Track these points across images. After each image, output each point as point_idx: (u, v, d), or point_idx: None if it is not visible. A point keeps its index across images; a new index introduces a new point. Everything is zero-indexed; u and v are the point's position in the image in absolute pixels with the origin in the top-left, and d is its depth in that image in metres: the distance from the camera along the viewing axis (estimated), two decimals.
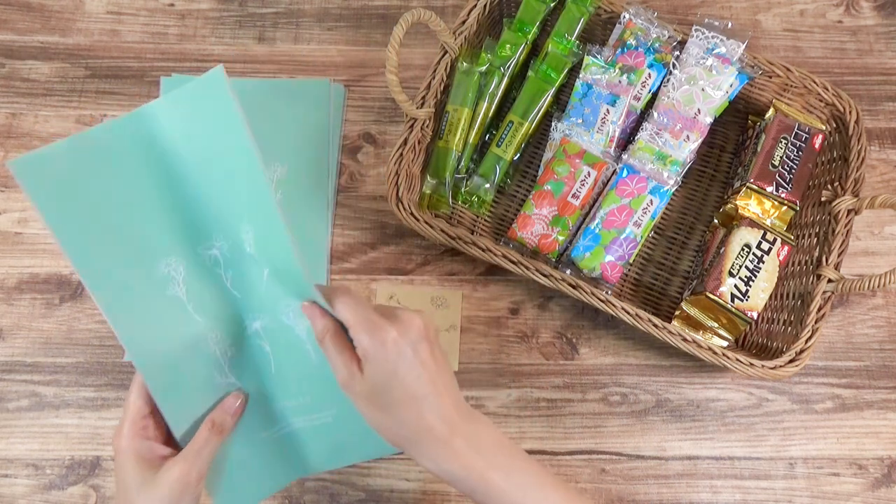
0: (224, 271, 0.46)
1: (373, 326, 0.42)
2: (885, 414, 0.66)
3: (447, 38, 0.66)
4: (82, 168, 0.40)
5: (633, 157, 0.68)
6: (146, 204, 0.42)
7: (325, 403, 0.51)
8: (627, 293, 0.70)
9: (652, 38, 0.70)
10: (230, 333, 0.47)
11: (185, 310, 0.45)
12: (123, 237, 0.42)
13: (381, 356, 0.42)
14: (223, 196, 0.43)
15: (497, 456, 0.45)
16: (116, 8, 0.81)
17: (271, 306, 0.47)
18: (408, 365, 0.43)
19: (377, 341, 0.42)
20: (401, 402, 0.43)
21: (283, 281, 0.46)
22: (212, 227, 0.44)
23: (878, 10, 0.82)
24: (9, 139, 0.74)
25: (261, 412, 0.50)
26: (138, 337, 0.43)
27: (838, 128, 0.68)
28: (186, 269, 0.44)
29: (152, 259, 0.43)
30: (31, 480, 0.63)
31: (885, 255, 0.72)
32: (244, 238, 0.44)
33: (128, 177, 0.41)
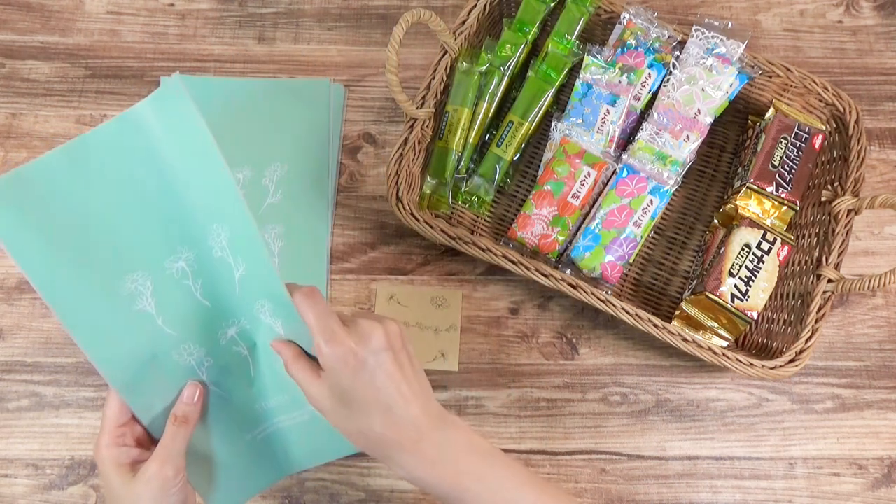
0: (193, 282, 0.46)
1: (332, 336, 0.42)
2: (885, 414, 0.66)
3: (447, 38, 0.66)
4: (42, 190, 0.40)
5: (633, 157, 0.68)
6: (107, 222, 0.42)
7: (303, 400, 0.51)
8: (627, 293, 0.70)
9: (652, 38, 0.70)
10: (204, 344, 0.47)
11: (155, 324, 0.45)
12: (85, 256, 0.42)
13: (340, 367, 0.42)
14: (190, 201, 0.43)
15: (469, 460, 0.44)
16: (116, 8, 0.81)
17: (246, 307, 0.47)
18: (368, 376, 0.43)
19: (336, 353, 0.42)
20: (364, 412, 0.43)
21: (257, 278, 0.46)
22: (177, 238, 0.44)
23: (878, 10, 0.82)
24: (9, 139, 0.74)
25: (243, 415, 0.51)
26: (107, 354, 0.43)
27: (838, 128, 0.68)
28: (154, 283, 0.44)
29: (117, 275, 0.43)
30: (31, 480, 0.63)
31: (885, 255, 0.72)
32: (213, 243, 0.44)
33: (87, 196, 0.41)
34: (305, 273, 0.70)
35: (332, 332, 0.43)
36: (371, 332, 0.43)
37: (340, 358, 0.42)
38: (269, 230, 0.71)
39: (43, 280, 0.41)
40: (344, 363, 0.42)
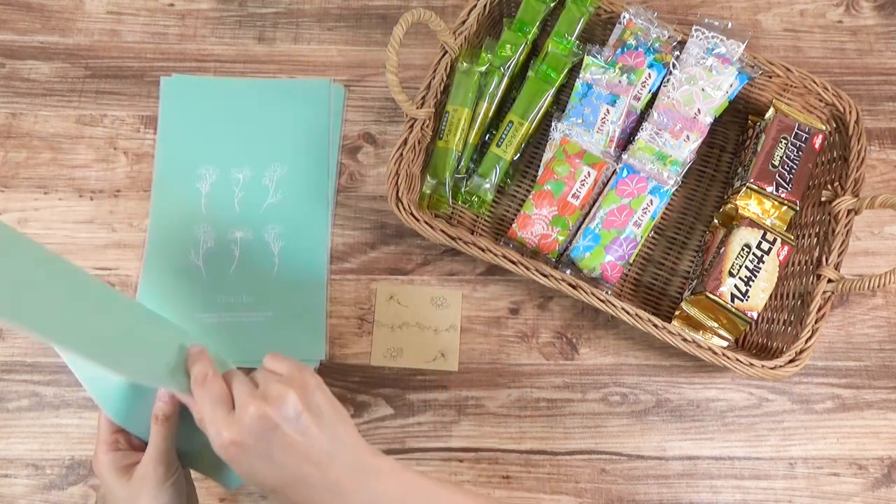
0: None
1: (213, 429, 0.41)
2: (885, 414, 0.66)
3: (447, 38, 0.66)
4: None
5: (633, 157, 0.68)
6: None
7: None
8: (627, 293, 0.70)
9: (652, 38, 0.70)
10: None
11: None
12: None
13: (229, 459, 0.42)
14: None
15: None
16: (116, 8, 0.81)
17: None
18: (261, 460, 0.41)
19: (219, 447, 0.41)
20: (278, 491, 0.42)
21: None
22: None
23: (878, 10, 0.82)
24: (9, 139, 0.74)
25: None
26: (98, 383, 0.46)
27: (838, 128, 0.68)
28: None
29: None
30: (31, 480, 0.63)
31: (885, 255, 0.72)
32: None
33: None
34: (305, 273, 0.70)
35: (213, 422, 0.41)
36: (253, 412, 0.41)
37: (225, 451, 0.41)
38: (269, 230, 0.71)
39: None
40: (228, 456, 0.41)
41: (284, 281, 0.69)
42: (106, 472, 0.46)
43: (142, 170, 0.73)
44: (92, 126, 0.75)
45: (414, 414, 0.66)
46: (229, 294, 0.68)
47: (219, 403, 0.42)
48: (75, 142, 0.74)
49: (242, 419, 0.41)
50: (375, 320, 0.69)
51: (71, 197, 0.72)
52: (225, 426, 0.41)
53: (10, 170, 0.73)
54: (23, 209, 0.71)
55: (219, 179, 0.72)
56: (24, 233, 0.71)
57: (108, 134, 0.75)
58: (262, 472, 0.41)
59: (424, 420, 0.66)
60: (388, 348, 0.68)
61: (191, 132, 0.74)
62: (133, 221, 0.71)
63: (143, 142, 0.75)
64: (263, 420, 0.40)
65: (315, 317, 0.68)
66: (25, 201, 0.72)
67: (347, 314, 0.69)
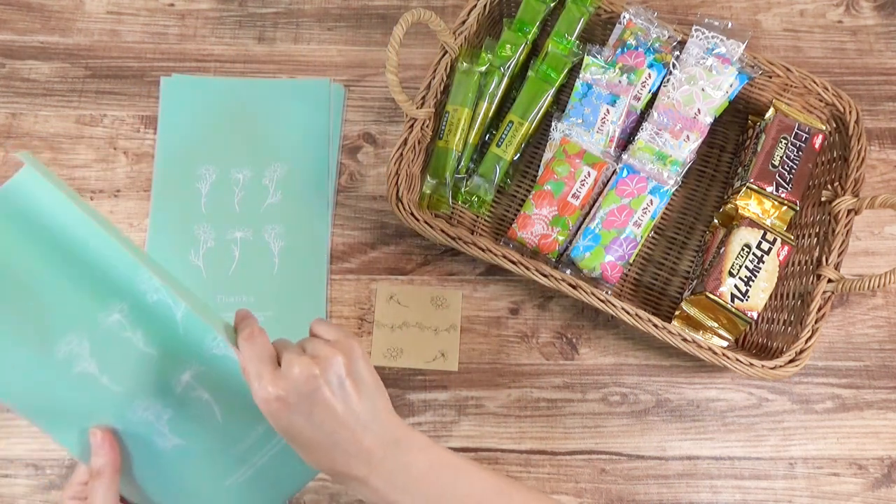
0: (132, 333, 0.42)
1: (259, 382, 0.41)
2: (885, 414, 0.66)
3: (447, 38, 0.66)
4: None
5: (633, 157, 0.68)
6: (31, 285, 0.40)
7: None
8: (627, 293, 0.70)
9: (652, 38, 0.70)
10: (159, 396, 0.44)
11: (99, 384, 0.42)
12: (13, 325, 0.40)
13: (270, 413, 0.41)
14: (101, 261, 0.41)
15: (423, 488, 0.43)
16: (116, 8, 0.81)
17: (196, 346, 0.44)
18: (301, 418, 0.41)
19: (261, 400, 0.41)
20: (309, 450, 0.42)
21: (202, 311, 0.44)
22: (105, 290, 0.42)
23: (878, 10, 0.82)
24: (9, 139, 0.74)
25: (220, 462, 0.47)
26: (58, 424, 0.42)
27: (838, 128, 0.68)
28: (91, 342, 0.41)
29: (50, 340, 0.41)
30: (31, 480, 0.63)
31: (885, 255, 0.72)
32: (145, 286, 0.42)
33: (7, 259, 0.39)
34: (305, 273, 0.70)
35: (259, 376, 0.41)
36: (299, 371, 0.41)
37: (267, 404, 0.41)
38: (269, 230, 0.71)
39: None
40: (269, 410, 0.41)
41: (284, 281, 0.69)
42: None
43: (142, 170, 0.73)
44: (92, 126, 0.75)
45: (414, 414, 0.66)
46: (229, 293, 0.68)
47: (265, 360, 0.42)
48: (75, 142, 0.74)
49: (288, 376, 0.41)
50: (375, 320, 0.69)
51: None
52: (271, 381, 0.41)
53: (10, 170, 0.73)
54: None
55: (218, 179, 0.72)
56: None
57: (108, 134, 0.75)
58: (299, 430, 0.41)
59: (424, 420, 0.66)
60: (388, 348, 0.68)
61: (191, 132, 0.74)
62: (133, 221, 0.71)
63: (143, 142, 0.75)
64: (310, 380, 0.41)
65: (315, 316, 0.67)
66: None
67: (347, 314, 0.69)
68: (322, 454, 0.42)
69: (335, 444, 0.42)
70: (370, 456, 0.42)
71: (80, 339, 0.41)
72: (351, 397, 0.42)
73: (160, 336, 0.43)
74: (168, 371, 0.44)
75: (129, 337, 0.42)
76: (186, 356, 0.44)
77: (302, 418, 0.41)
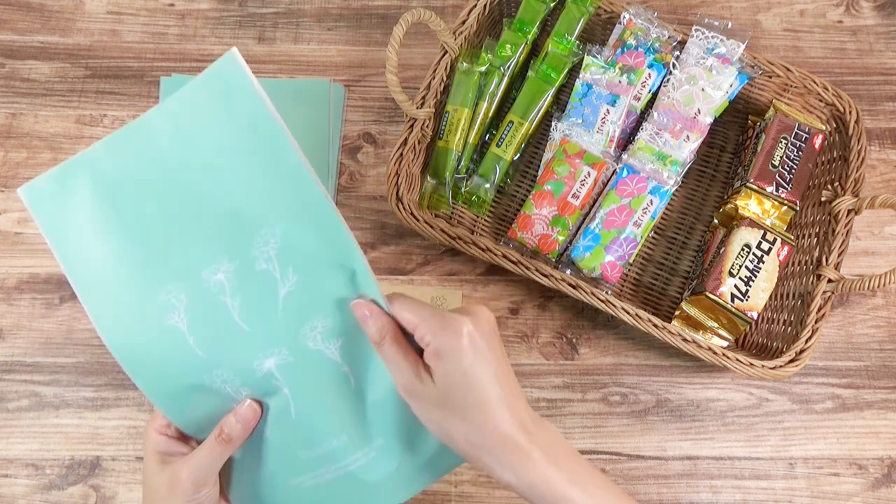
0: (230, 299, 0.40)
1: (443, 321, 0.39)
2: (885, 414, 0.66)
3: (447, 38, 0.66)
4: (84, 188, 0.38)
5: (633, 157, 0.68)
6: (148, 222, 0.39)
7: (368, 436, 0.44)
8: (627, 293, 0.70)
9: (652, 38, 0.70)
10: (239, 373, 0.41)
11: (186, 342, 0.40)
12: (126, 261, 0.39)
13: (457, 352, 0.39)
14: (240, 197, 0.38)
15: (573, 468, 0.41)
16: (116, 8, 0.81)
17: (291, 333, 0.41)
18: (484, 363, 0.39)
19: (451, 336, 0.39)
20: (476, 405, 0.39)
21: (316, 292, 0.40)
22: (218, 246, 0.39)
23: (878, 10, 0.82)
24: (9, 139, 0.74)
25: (285, 460, 0.45)
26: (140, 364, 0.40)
27: (838, 128, 0.68)
28: (189, 297, 0.39)
29: (154, 285, 0.39)
30: (31, 480, 0.63)
31: (885, 255, 0.72)
32: (258, 252, 0.39)
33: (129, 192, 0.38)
34: None
35: (443, 317, 0.39)
36: (481, 313, 0.40)
37: (456, 341, 0.39)
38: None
39: (82, 283, 0.38)
40: (460, 347, 0.39)
41: None
42: (148, 449, 0.44)
43: None
44: (92, 126, 0.75)
45: None
46: None
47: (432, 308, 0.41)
48: (75, 142, 0.74)
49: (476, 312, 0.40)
50: None
51: None
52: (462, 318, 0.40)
53: (10, 170, 0.73)
54: (23, 209, 0.71)
55: None
56: (24, 233, 0.71)
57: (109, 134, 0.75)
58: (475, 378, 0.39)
59: None
60: None
61: None
62: None
63: None
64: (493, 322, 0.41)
65: None
66: None
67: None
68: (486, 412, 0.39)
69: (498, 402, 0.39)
70: (525, 423, 0.40)
71: (178, 291, 0.39)
72: (503, 362, 0.41)
73: (256, 312, 0.40)
74: (252, 351, 0.41)
75: (226, 303, 0.40)
76: (277, 341, 0.41)
77: (482, 364, 0.39)
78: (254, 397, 0.43)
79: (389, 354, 0.41)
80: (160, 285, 0.39)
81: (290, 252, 0.39)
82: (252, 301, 0.40)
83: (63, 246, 0.38)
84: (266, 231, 0.39)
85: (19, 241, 0.70)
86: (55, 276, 0.69)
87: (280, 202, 0.38)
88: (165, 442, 0.44)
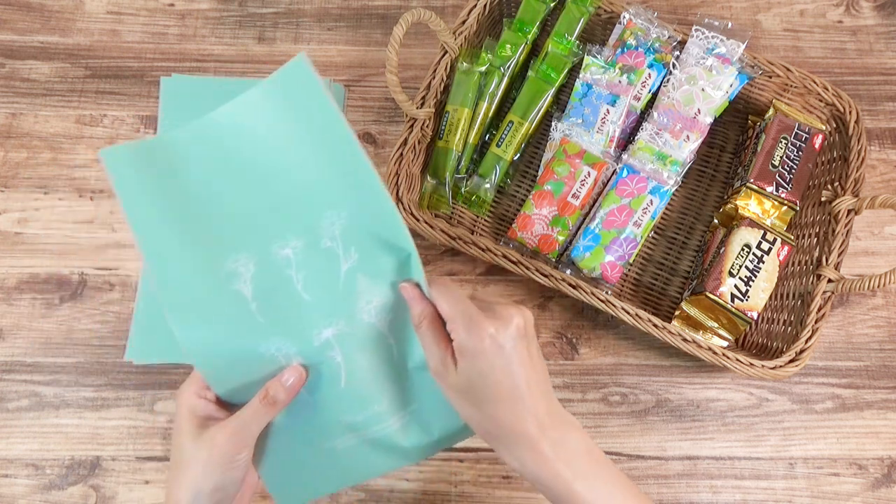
0: (295, 272, 0.43)
1: (470, 322, 0.42)
2: (885, 414, 0.66)
3: (447, 38, 0.66)
4: (164, 163, 0.42)
5: (633, 157, 0.68)
6: (224, 199, 0.42)
7: (404, 401, 0.48)
8: (627, 293, 0.70)
9: (652, 38, 0.70)
10: (296, 341, 0.44)
11: (248, 308, 0.43)
12: (195, 228, 0.42)
13: (478, 353, 0.41)
14: (309, 184, 0.42)
15: (583, 465, 0.43)
16: (116, 8, 0.81)
17: (349, 306, 0.44)
18: (503, 364, 0.42)
19: (475, 338, 0.41)
20: (493, 400, 0.42)
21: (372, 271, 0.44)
22: (288, 223, 0.43)
23: (878, 10, 0.82)
24: (9, 139, 0.74)
25: (326, 424, 0.47)
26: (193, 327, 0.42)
27: (838, 128, 0.68)
28: (257, 267, 0.43)
29: (222, 253, 0.42)
30: (31, 480, 0.63)
31: (885, 255, 0.72)
32: (324, 231, 0.43)
33: (209, 172, 0.42)
34: None
35: (471, 317, 0.42)
36: (510, 318, 0.42)
37: (478, 343, 0.41)
38: None
39: (148, 242, 0.41)
40: (482, 349, 0.41)
41: None
42: (183, 412, 0.44)
43: None
44: (92, 126, 0.75)
45: None
46: None
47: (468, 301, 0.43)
48: (75, 142, 0.74)
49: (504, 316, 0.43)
50: None
51: (71, 197, 0.72)
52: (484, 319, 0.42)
53: (10, 170, 0.73)
54: (23, 209, 0.71)
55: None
56: (24, 233, 0.71)
57: (108, 134, 0.75)
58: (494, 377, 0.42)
59: None
60: None
61: None
62: None
63: None
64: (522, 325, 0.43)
65: None
66: (25, 201, 0.72)
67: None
68: (502, 408, 0.42)
69: (517, 399, 0.42)
70: (542, 421, 0.42)
71: (248, 260, 0.43)
72: (536, 359, 0.44)
73: (319, 285, 0.44)
74: (313, 321, 0.44)
75: (291, 276, 0.43)
76: (336, 313, 0.44)
77: (502, 365, 0.42)
78: (304, 365, 0.45)
79: (425, 337, 0.44)
80: (230, 254, 0.42)
81: (353, 234, 0.43)
82: (316, 275, 0.44)
83: (134, 207, 0.41)
84: (332, 214, 0.43)
85: (19, 241, 0.70)
86: (55, 276, 0.69)
87: (347, 191, 0.43)
88: (204, 405, 0.44)
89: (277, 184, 0.43)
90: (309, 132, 0.42)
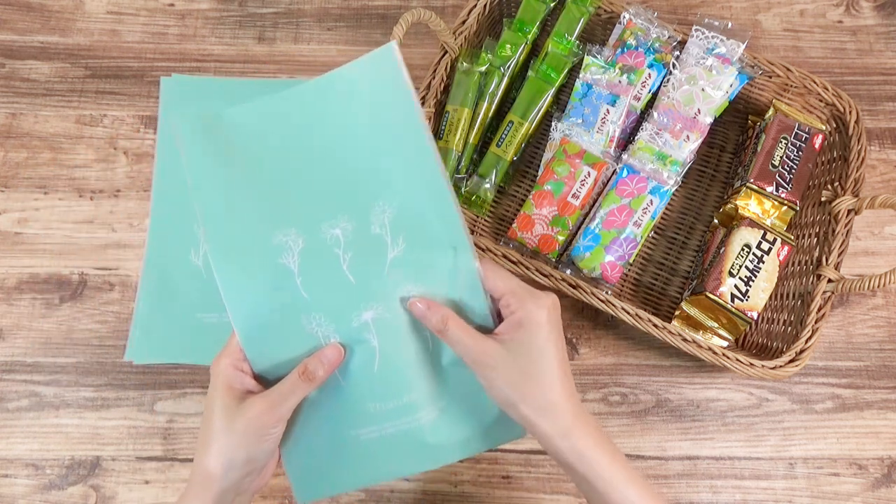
0: (343, 251, 0.45)
1: (531, 296, 0.44)
2: (885, 414, 0.66)
3: (447, 38, 0.66)
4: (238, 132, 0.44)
5: (633, 157, 0.68)
6: (283, 175, 0.44)
7: (434, 396, 0.48)
8: (627, 293, 0.70)
9: (652, 38, 0.70)
10: (335, 320, 0.45)
11: (293, 281, 0.44)
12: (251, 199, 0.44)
13: (540, 326, 0.43)
14: (369, 170, 0.44)
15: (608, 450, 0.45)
16: (116, 8, 0.81)
17: (390, 293, 0.45)
18: (556, 339, 0.44)
19: (537, 311, 0.43)
20: (544, 373, 0.43)
21: (417, 263, 0.45)
22: (340, 205, 0.45)
23: (878, 10, 0.82)
24: (9, 139, 0.74)
25: (353, 410, 0.47)
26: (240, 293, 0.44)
27: (838, 128, 0.68)
28: (306, 243, 0.44)
29: (273, 226, 0.44)
30: (31, 480, 0.63)
31: (885, 255, 0.72)
32: (374, 218, 0.44)
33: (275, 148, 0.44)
34: None
35: (530, 290, 0.44)
36: (550, 298, 0.44)
37: (533, 321, 0.43)
38: None
39: (205, 207, 0.43)
40: (546, 318, 0.43)
41: None
42: (219, 384, 0.43)
43: (142, 170, 0.73)
44: (92, 126, 0.75)
45: None
46: None
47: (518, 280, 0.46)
48: (75, 142, 0.74)
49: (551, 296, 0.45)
50: None
51: (71, 197, 0.72)
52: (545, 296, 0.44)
53: (10, 170, 0.73)
54: (23, 209, 0.71)
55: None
56: (24, 233, 0.71)
57: (108, 134, 0.75)
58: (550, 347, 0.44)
59: None
60: None
61: None
62: (133, 221, 0.72)
63: (143, 142, 0.75)
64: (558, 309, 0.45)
65: None
66: (25, 201, 0.72)
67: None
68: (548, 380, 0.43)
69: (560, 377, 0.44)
70: (574, 399, 0.44)
71: (297, 236, 0.44)
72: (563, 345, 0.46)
73: (364, 268, 0.45)
74: (354, 302, 0.45)
75: (338, 254, 0.45)
76: (377, 297, 0.45)
77: (556, 337, 0.44)
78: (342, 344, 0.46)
79: (454, 336, 0.44)
80: (280, 227, 0.44)
81: (404, 223, 0.45)
82: (362, 258, 0.45)
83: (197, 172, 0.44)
84: (383, 202, 0.45)
85: (19, 241, 0.70)
86: (55, 276, 0.69)
87: (405, 180, 0.44)
88: (241, 377, 0.44)
89: (337, 165, 0.44)
90: (383, 120, 0.44)
